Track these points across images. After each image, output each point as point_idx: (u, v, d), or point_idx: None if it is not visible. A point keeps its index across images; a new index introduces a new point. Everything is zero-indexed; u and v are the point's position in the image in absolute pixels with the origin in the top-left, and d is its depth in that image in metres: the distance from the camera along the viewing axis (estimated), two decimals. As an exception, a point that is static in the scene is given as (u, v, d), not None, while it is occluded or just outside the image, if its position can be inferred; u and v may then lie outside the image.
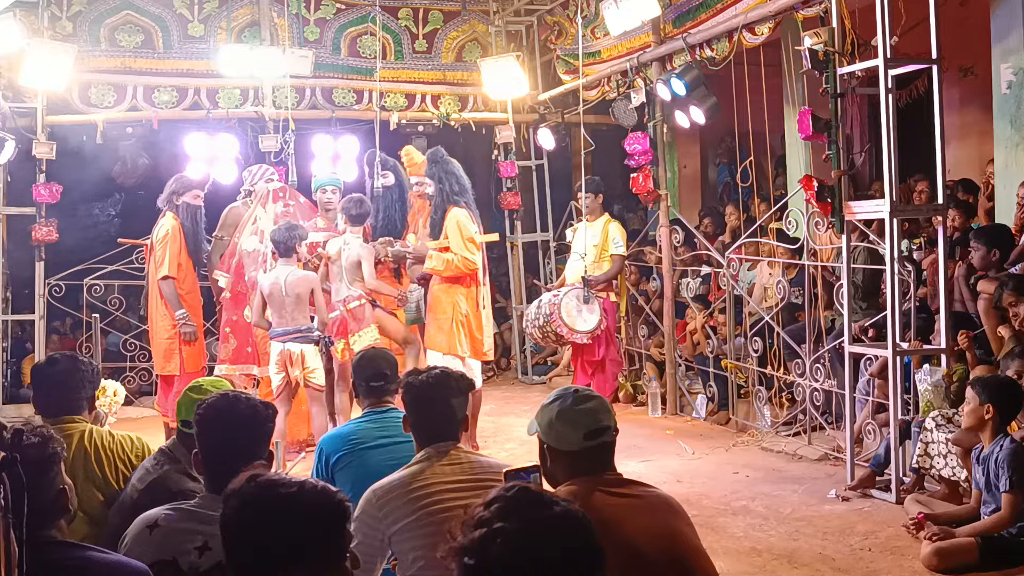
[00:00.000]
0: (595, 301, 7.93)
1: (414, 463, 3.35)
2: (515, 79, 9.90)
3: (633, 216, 11.65)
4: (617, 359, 8.45)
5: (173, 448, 3.64)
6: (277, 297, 6.60)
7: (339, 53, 10.14)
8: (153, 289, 7.41)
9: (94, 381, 3.93)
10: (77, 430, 3.70)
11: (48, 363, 3.91)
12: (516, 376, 10.61)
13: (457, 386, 3.47)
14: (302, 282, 6.63)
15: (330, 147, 9.58)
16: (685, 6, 8.03)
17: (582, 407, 2.83)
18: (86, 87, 9.28)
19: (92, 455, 3.68)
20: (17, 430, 2.58)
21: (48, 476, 2.64)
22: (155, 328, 7.47)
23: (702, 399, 8.05)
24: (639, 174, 8.28)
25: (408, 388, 3.45)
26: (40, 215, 8.85)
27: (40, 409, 3.82)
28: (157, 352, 7.50)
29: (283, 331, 6.61)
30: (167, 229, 7.35)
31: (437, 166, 7.18)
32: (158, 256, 7.29)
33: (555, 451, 2.84)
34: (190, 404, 3.59)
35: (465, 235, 6.90)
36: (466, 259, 6.86)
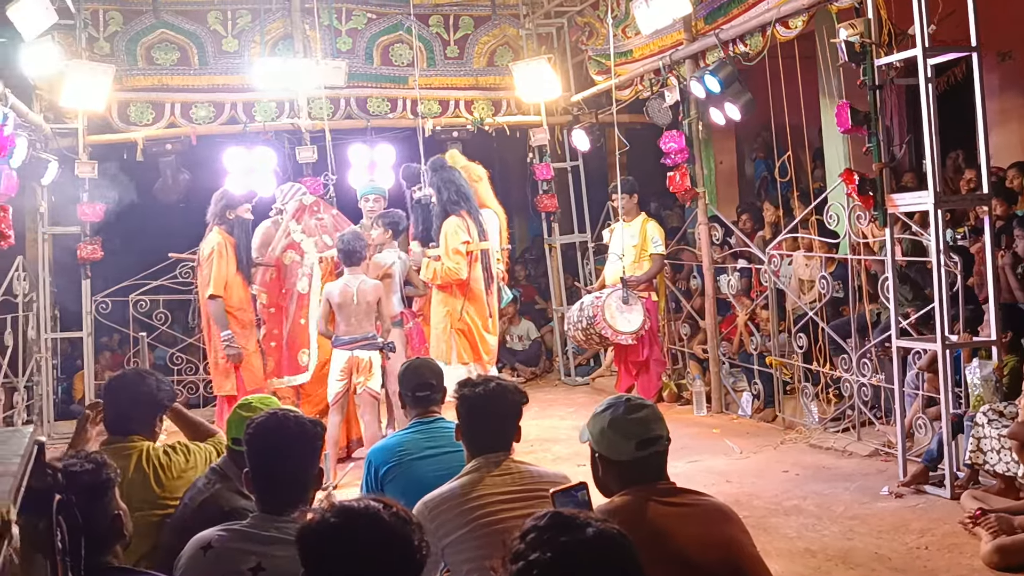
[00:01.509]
0: (637, 302, 7.89)
1: (465, 473, 3.33)
2: (547, 81, 9.87)
3: (670, 213, 11.55)
4: (661, 359, 8.40)
5: (224, 466, 3.64)
6: (348, 305, 6.68)
7: (372, 62, 10.17)
8: (202, 308, 7.34)
9: (159, 401, 3.93)
10: (135, 450, 3.72)
11: (120, 376, 3.98)
12: (559, 378, 10.58)
13: (512, 398, 3.44)
14: (373, 290, 6.74)
15: (366, 156, 9.66)
16: (716, 2, 7.95)
17: (634, 416, 2.80)
18: (125, 106, 9.39)
19: (151, 475, 3.69)
20: (68, 464, 2.60)
21: (103, 502, 2.66)
22: (211, 347, 7.36)
23: (747, 396, 7.97)
24: (676, 173, 8.22)
25: (463, 399, 3.43)
26: (84, 234, 8.97)
27: (106, 426, 3.85)
28: (214, 371, 7.35)
29: (350, 339, 6.67)
30: (213, 246, 7.16)
31: (436, 175, 7.18)
32: (204, 274, 7.17)
33: (607, 460, 2.82)
34: (239, 422, 3.58)
35: (451, 245, 6.90)
36: (448, 269, 6.84)
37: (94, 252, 8.93)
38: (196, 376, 9.55)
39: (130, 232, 9.36)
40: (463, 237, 6.95)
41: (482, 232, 7.12)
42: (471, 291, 7.00)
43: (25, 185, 7.97)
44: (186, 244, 9.48)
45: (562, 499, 2.55)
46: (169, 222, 9.60)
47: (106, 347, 10.00)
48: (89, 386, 9.08)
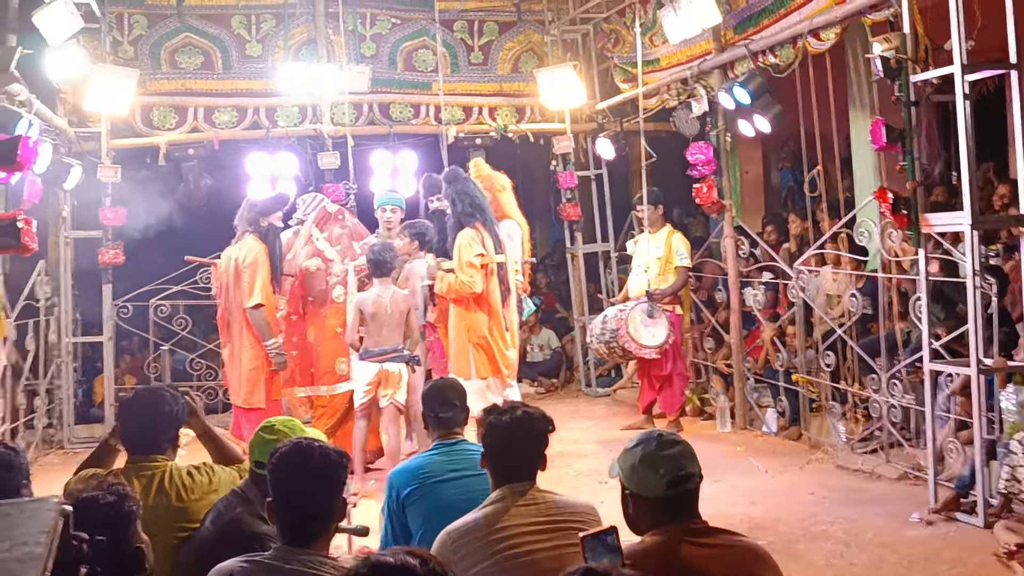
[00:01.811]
0: (662, 315, 7.80)
1: (490, 503, 3.26)
2: (572, 89, 9.80)
3: (694, 221, 11.45)
4: (685, 373, 8.30)
5: (246, 489, 3.59)
6: (381, 316, 6.70)
7: (395, 68, 10.13)
8: (237, 316, 6.97)
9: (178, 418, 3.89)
10: (159, 470, 3.67)
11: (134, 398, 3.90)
12: (580, 388, 10.50)
13: (539, 427, 3.37)
14: (404, 301, 6.80)
15: (389, 162, 9.63)
16: (746, 12, 7.85)
17: (666, 452, 2.73)
18: (148, 110, 9.39)
19: (174, 496, 3.64)
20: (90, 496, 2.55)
21: (125, 535, 2.61)
22: (239, 358, 7.00)
23: (772, 413, 7.86)
24: (703, 184, 8.11)
25: (489, 427, 3.37)
26: (106, 238, 8.96)
27: (126, 446, 3.80)
28: (240, 383, 6.98)
29: (380, 351, 6.68)
30: (255, 254, 6.91)
31: (451, 186, 7.08)
32: (246, 283, 6.84)
33: (638, 497, 2.75)
34: (262, 445, 3.54)
35: (464, 258, 6.81)
36: (462, 283, 6.77)
37: (116, 257, 8.94)
38: (215, 382, 9.51)
39: (151, 237, 9.33)
40: (477, 250, 6.85)
41: (498, 244, 7.01)
42: (487, 305, 6.92)
43: (48, 190, 7.96)
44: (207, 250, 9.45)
45: (592, 544, 2.47)
46: (191, 227, 9.58)
47: (126, 351, 9.99)
48: (109, 390, 9.08)
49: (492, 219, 7.04)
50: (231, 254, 7.03)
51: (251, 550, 3.37)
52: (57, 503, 1.62)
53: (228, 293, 6.97)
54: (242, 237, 7.05)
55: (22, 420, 7.98)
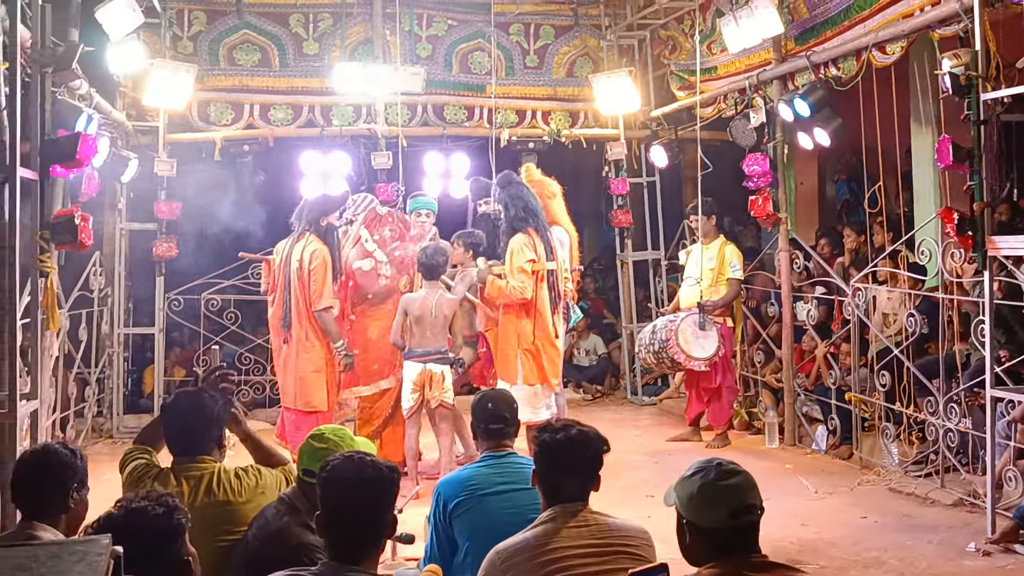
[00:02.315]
0: (713, 327, 7.68)
1: (540, 523, 3.19)
2: (627, 95, 9.70)
3: (744, 230, 11.28)
4: (734, 386, 8.18)
5: (293, 498, 3.54)
6: (427, 319, 6.73)
7: (450, 70, 10.10)
8: (300, 318, 6.77)
9: (221, 418, 3.87)
10: (206, 472, 3.64)
11: (175, 402, 3.87)
12: (625, 396, 10.39)
13: (594, 446, 3.30)
14: (449, 304, 6.81)
15: (441, 164, 9.60)
16: (809, 23, 7.69)
17: (727, 483, 2.64)
18: (205, 105, 9.45)
19: (221, 498, 3.61)
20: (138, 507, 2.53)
21: (173, 548, 2.58)
22: (297, 360, 6.78)
23: (822, 431, 7.70)
24: (758, 196, 7.97)
25: (542, 445, 3.30)
26: (161, 231, 9.02)
27: (171, 450, 3.79)
28: (298, 385, 6.77)
29: (424, 351, 6.72)
30: (323, 255, 6.75)
31: (504, 191, 7.01)
32: (316, 284, 6.69)
33: (695, 527, 2.66)
34: (312, 454, 3.51)
35: (515, 263, 6.74)
36: (513, 288, 6.70)
37: (169, 250, 8.99)
38: (262, 376, 9.56)
39: (204, 231, 9.39)
40: (529, 255, 6.78)
41: (550, 251, 6.93)
42: (537, 311, 6.84)
43: (105, 182, 8.04)
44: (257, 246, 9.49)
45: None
46: (242, 222, 9.61)
47: (176, 343, 10.06)
48: (159, 381, 9.15)
49: (544, 225, 6.96)
50: (293, 253, 6.82)
51: (297, 560, 3.34)
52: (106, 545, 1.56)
53: (290, 292, 6.77)
54: (303, 236, 6.87)
55: (72, 409, 8.05)
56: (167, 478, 3.62)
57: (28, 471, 3.36)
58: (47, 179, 5.24)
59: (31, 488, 3.29)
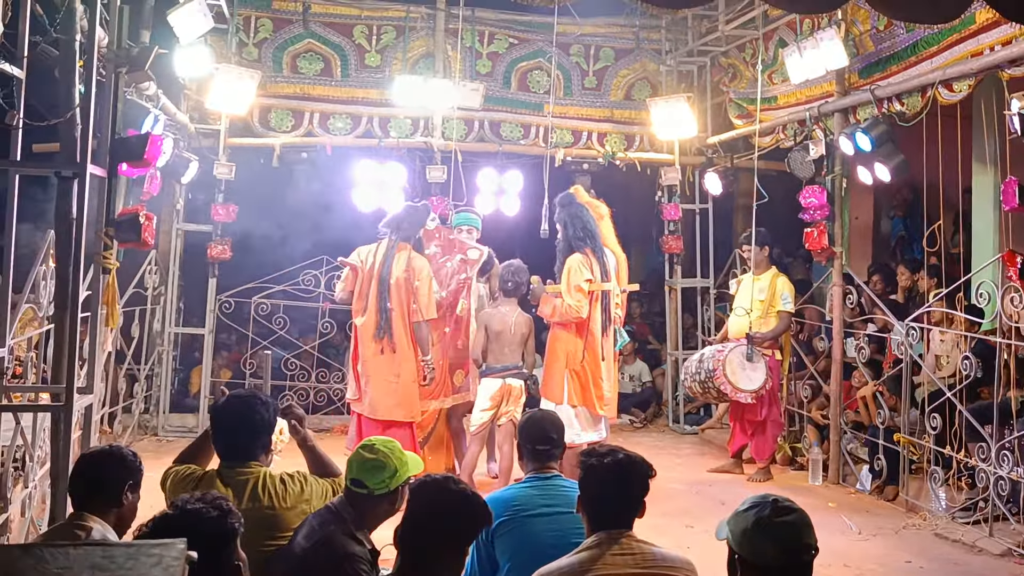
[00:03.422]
0: (761, 359, 7.60)
1: (584, 548, 3.17)
2: (684, 120, 9.66)
3: (793, 262, 11.17)
4: (779, 420, 8.07)
5: (340, 507, 3.55)
6: (504, 335, 6.86)
7: (509, 87, 10.14)
8: (403, 328, 6.74)
9: (270, 424, 3.89)
10: (252, 476, 3.66)
11: (225, 405, 3.89)
12: (667, 423, 10.32)
13: (640, 471, 3.28)
14: (527, 323, 6.96)
15: (495, 181, 9.61)
16: (874, 56, 7.61)
17: (783, 520, 2.61)
18: (267, 111, 9.57)
19: (265, 503, 3.63)
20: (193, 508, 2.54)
21: (225, 552, 2.59)
22: (400, 370, 6.73)
23: (867, 470, 7.56)
24: (814, 229, 7.88)
25: (589, 469, 3.29)
26: (216, 233, 9.14)
27: (219, 452, 3.81)
28: (398, 395, 6.70)
29: (503, 367, 6.86)
30: (427, 267, 6.84)
31: (564, 210, 7.02)
32: (424, 296, 6.72)
33: (748, 564, 2.64)
34: (362, 464, 3.53)
35: (572, 281, 6.73)
36: (569, 307, 6.69)
37: (223, 252, 9.09)
38: (307, 383, 9.62)
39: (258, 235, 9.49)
40: (586, 275, 6.77)
41: (605, 272, 6.93)
42: (588, 332, 6.82)
43: (165, 182, 8.16)
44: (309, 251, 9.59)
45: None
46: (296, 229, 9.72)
47: (224, 345, 10.17)
48: (206, 382, 9.23)
49: (601, 247, 6.95)
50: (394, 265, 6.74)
51: (342, 570, 3.35)
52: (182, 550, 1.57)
53: (387, 302, 6.70)
54: (403, 248, 6.83)
55: (120, 404, 8.16)
56: (212, 481, 3.65)
57: (90, 462, 3.48)
58: (114, 177, 5.33)
59: (89, 479, 3.39)
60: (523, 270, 7.04)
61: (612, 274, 7.10)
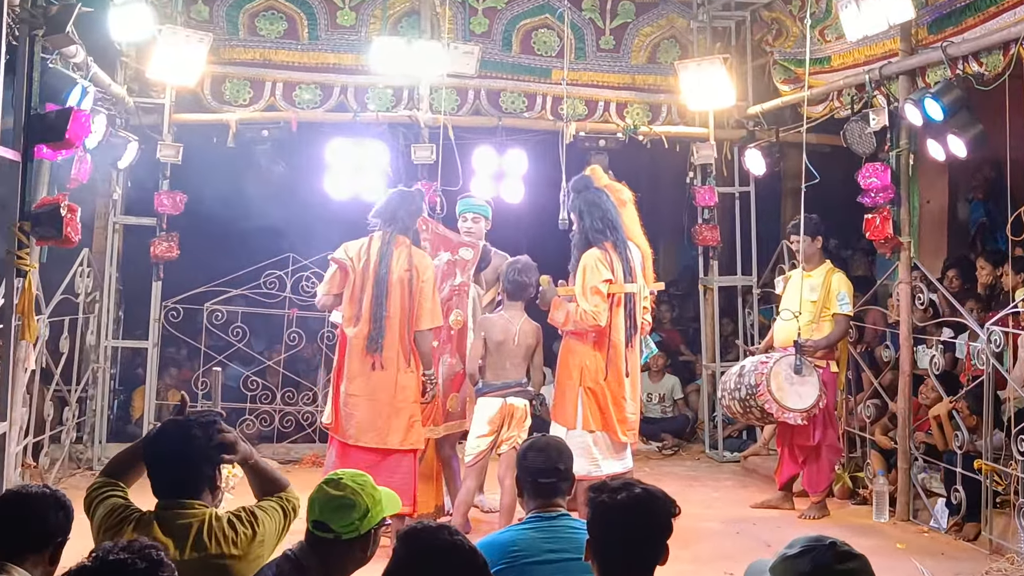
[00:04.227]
0: (813, 372, 7.56)
1: (593, 604, 3.18)
2: (720, 86, 9.66)
3: (853, 256, 11.16)
4: (836, 445, 8.06)
5: (301, 555, 3.51)
6: (508, 346, 6.84)
7: (510, 50, 10.12)
8: (401, 339, 6.68)
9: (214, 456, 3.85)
10: (196, 519, 3.62)
11: (159, 435, 3.85)
12: (703, 449, 10.31)
13: (661, 510, 3.30)
14: (534, 332, 6.90)
15: (493, 162, 9.60)
16: (946, 8, 7.57)
17: (844, 568, 2.56)
18: (220, 81, 9.56)
19: (212, 551, 3.59)
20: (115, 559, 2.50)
21: (156, 608, 2.55)
22: (396, 389, 6.66)
23: (943, 504, 7.52)
24: (875, 215, 7.83)
25: (599, 508, 3.29)
26: (161, 227, 9.12)
27: (154, 489, 3.77)
28: (396, 419, 6.64)
29: (503, 384, 6.81)
30: (431, 266, 6.83)
31: (579, 196, 6.99)
32: (426, 300, 6.69)
33: (795, 622, 2.58)
34: (326, 502, 3.51)
35: (589, 282, 6.69)
36: (584, 313, 6.64)
37: (169, 250, 9.08)
38: (272, 405, 9.59)
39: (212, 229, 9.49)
40: (605, 275, 6.73)
41: (629, 271, 6.87)
42: (609, 343, 6.77)
43: (98, 167, 8.14)
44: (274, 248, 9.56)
45: None
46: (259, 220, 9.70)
47: (172, 361, 10.16)
48: (150, 405, 9.24)
49: (624, 240, 6.92)
50: (393, 261, 6.69)
51: (303, 631, 3.31)
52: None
53: (384, 308, 6.65)
54: (400, 242, 6.77)
55: (47, 433, 8.13)
56: (149, 526, 3.61)
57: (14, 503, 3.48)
58: (30, 161, 5.30)
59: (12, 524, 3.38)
60: (531, 269, 7.00)
61: (638, 272, 7.07)
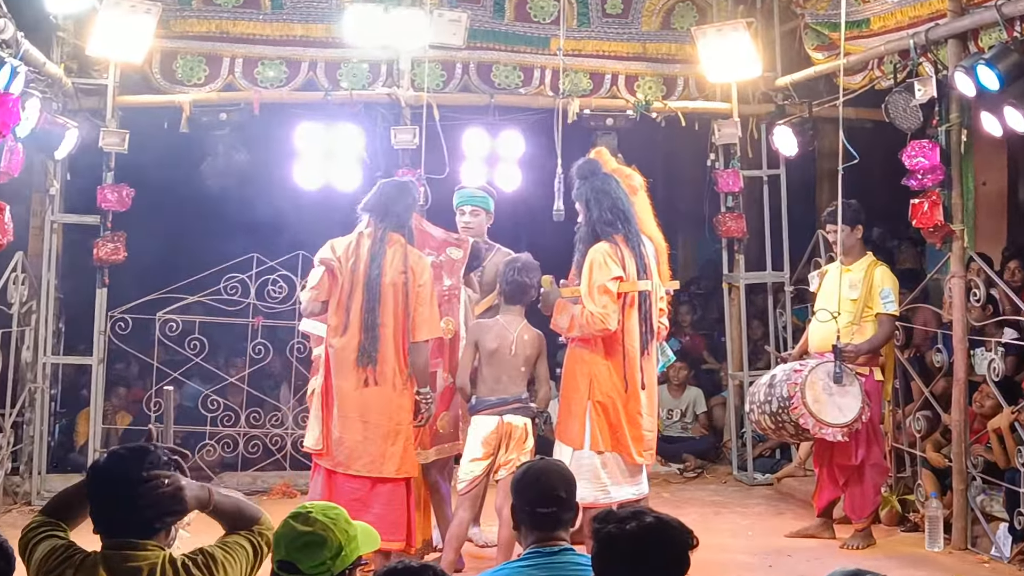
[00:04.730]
0: (855, 381, 7.56)
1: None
2: (744, 55, 9.69)
3: (902, 247, 11.16)
4: (882, 464, 8.05)
5: (263, 601, 3.53)
6: (503, 357, 6.82)
7: (502, 16, 10.12)
8: (396, 351, 6.69)
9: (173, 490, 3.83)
10: (147, 563, 3.61)
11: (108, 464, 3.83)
12: (731, 471, 10.34)
13: (676, 541, 3.32)
14: (535, 340, 6.90)
15: (485, 145, 9.61)
16: (1001, -41, 7.58)
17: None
18: (171, 58, 9.57)
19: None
20: None
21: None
22: (390, 408, 6.69)
23: (1005, 530, 7.53)
24: (923, 200, 7.83)
25: (604, 540, 3.32)
26: (105, 226, 9.11)
27: (99, 528, 3.75)
28: (390, 444, 6.63)
29: (499, 400, 6.78)
30: (429, 269, 6.83)
31: (585, 184, 6.99)
32: (424, 307, 6.70)
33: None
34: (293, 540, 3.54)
35: (596, 280, 6.67)
36: (591, 316, 6.63)
37: (115, 252, 9.08)
38: (235, 428, 9.58)
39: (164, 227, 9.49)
40: (614, 272, 6.72)
41: (643, 267, 6.87)
42: (621, 350, 6.76)
43: (32, 158, 8.15)
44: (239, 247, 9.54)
45: None
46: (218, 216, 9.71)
47: (121, 379, 10.15)
48: (96, 430, 9.22)
49: (637, 233, 6.92)
50: (386, 262, 6.69)
51: None
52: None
53: (376, 315, 6.65)
54: (392, 240, 6.76)
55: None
56: (94, 569, 3.60)
57: None
58: (-50, 153, 5.29)
59: None
60: (532, 268, 7.00)
61: (653, 269, 7.07)
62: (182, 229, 9.71)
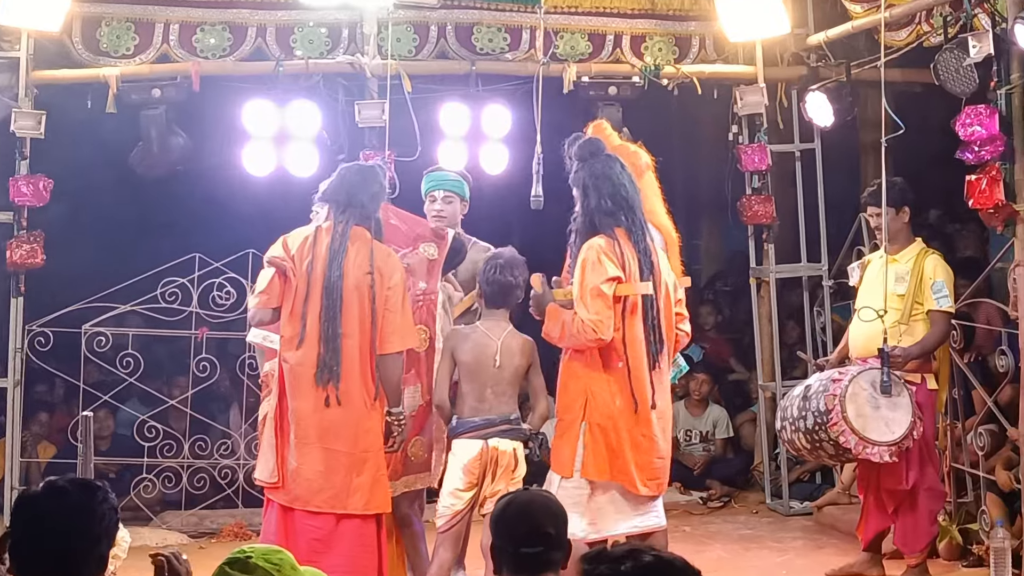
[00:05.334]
0: (904, 390, 7.56)
1: None
2: (770, 10, 9.69)
3: (962, 231, 11.14)
4: (938, 487, 8.06)
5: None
6: (486, 369, 6.80)
7: (484, -29, 10.14)
8: (362, 365, 6.68)
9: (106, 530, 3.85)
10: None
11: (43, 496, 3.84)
12: (763, 499, 10.37)
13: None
14: (523, 349, 6.91)
15: (465, 120, 9.60)
16: None
17: None
18: (94, 25, 9.58)
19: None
20: None
21: None
22: (356, 432, 6.66)
23: (1085, 563, 7.55)
24: (982, 176, 7.82)
25: None
26: (20, 224, 9.12)
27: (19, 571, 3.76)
28: (355, 475, 6.64)
29: (484, 420, 6.76)
30: (401, 269, 6.85)
31: (584, 166, 6.92)
32: (395, 312, 6.71)
33: None
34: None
35: (588, 282, 6.59)
36: (582, 323, 6.57)
37: (32, 254, 9.07)
38: (177, 459, 9.58)
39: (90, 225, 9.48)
40: (610, 271, 6.66)
41: (649, 267, 6.81)
42: (624, 362, 6.73)
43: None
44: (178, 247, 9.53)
45: None
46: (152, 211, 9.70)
47: (43, 404, 10.15)
48: (13, 464, 9.19)
49: (643, 224, 6.86)
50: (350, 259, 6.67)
51: None
52: None
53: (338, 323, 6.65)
54: (356, 234, 6.74)
55: None
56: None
57: None
58: None
59: None
60: (517, 265, 7.00)
61: (663, 267, 7.03)
62: (111, 226, 9.70)
